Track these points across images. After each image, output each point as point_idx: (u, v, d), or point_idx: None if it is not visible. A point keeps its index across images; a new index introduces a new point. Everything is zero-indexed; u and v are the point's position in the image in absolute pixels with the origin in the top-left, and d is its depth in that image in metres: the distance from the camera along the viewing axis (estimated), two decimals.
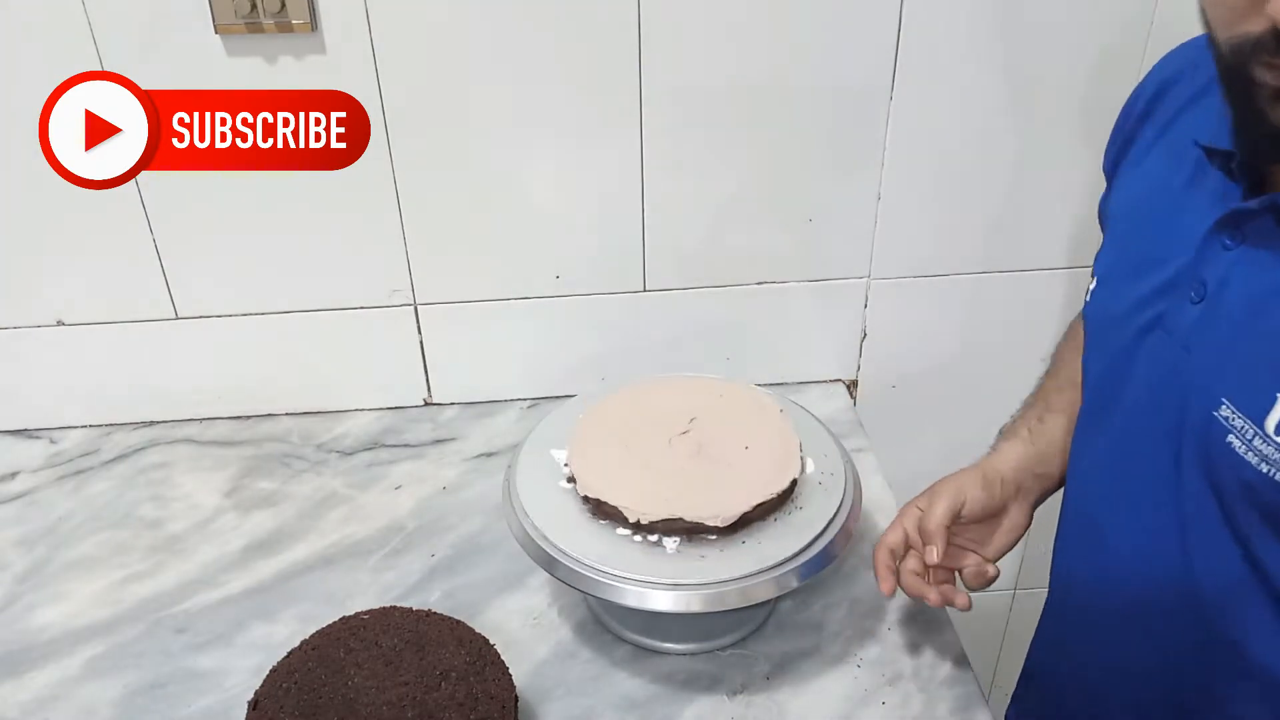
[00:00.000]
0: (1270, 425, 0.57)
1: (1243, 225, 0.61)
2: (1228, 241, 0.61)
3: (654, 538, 0.79)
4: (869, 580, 0.91)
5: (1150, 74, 0.77)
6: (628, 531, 0.80)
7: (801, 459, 0.85)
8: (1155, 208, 0.69)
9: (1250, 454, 0.59)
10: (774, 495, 0.80)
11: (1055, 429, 0.82)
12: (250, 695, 0.72)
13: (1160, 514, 0.67)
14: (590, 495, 0.81)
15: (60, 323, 1.07)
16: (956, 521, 0.77)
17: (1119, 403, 0.70)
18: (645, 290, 1.10)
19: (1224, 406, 0.60)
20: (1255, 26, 0.52)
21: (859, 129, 1.03)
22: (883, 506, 0.99)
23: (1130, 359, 0.69)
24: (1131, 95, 0.78)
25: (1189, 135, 0.67)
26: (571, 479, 0.84)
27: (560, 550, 0.79)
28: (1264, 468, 0.58)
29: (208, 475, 1.07)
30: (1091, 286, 0.76)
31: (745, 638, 0.86)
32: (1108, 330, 0.72)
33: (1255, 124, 0.56)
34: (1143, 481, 0.68)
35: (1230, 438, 0.60)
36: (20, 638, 0.89)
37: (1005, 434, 0.84)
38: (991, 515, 0.79)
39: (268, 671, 0.74)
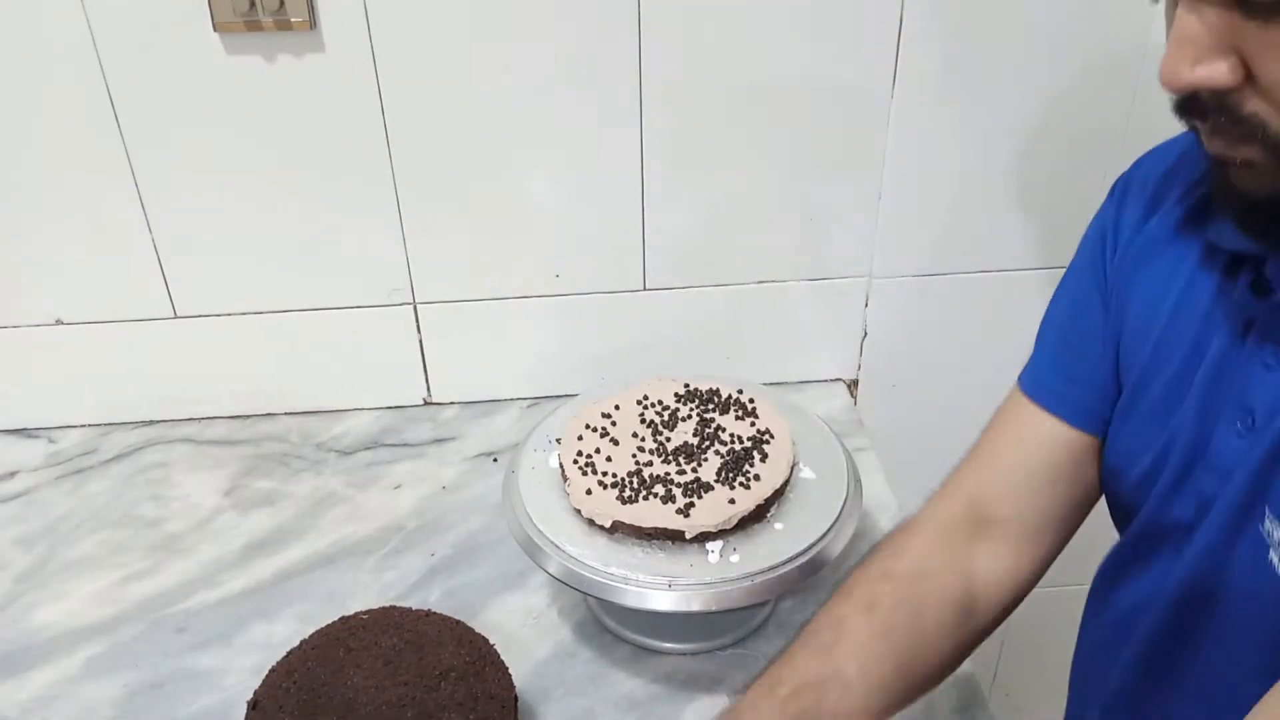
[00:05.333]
0: None
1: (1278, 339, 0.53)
2: (1270, 361, 0.54)
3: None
4: None
5: (1112, 192, 0.69)
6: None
7: (765, 503, 0.81)
8: (1169, 334, 0.60)
9: None
10: (675, 528, 0.79)
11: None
12: (250, 695, 0.72)
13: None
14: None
15: (59, 322, 1.07)
16: None
17: (1150, 565, 0.63)
18: (645, 290, 1.10)
19: (1268, 520, 0.53)
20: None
21: (859, 129, 1.03)
22: (884, 505, 0.99)
23: (1165, 507, 0.61)
24: (1094, 221, 0.69)
25: (1189, 244, 0.59)
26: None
27: (560, 550, 0.79)
28: None
29: (207, 475, 1.07)
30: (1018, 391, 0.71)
31: (745, 638, 0.86)
32: (1137, 477, 0.63)
33: (1216, 184, 0.53)
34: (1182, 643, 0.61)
35: (1272, 554, 0.52)
36: (20, 637, 0.89)
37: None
38: None
39: (267, 671, 0.74)
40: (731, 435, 0.86)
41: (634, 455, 0.86)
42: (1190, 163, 0.62)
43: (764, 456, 0.84)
